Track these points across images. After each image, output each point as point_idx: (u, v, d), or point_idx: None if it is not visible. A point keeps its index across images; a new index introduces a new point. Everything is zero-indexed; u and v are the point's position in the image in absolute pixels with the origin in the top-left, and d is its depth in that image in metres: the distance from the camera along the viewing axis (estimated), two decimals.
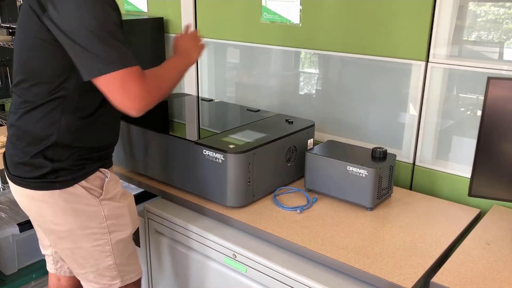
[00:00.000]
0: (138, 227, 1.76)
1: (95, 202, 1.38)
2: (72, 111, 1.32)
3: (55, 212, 1.36)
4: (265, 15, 2.11)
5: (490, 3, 1.59)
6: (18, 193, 1.40)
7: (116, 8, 1.26)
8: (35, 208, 1.40)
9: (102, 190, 1.40)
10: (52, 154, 1.33)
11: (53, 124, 1.31)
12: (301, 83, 2.18)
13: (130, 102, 1.21)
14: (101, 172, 1.41)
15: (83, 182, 1.36)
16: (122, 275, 1.48)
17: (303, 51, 2.09)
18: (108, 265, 1.45)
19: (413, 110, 1.79)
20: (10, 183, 1.41)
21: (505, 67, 1.57)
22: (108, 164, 1.47)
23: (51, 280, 1.73)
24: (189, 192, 1.70)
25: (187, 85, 2.52)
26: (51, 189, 1.33)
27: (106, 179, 1.41)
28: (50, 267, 1.69)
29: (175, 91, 2.65)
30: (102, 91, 1.23)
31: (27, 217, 1.84)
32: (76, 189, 1.35)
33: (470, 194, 1.43)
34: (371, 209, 1.58)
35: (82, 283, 1.51)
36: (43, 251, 1.69)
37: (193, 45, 1.53)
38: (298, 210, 1.57)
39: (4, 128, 2.52)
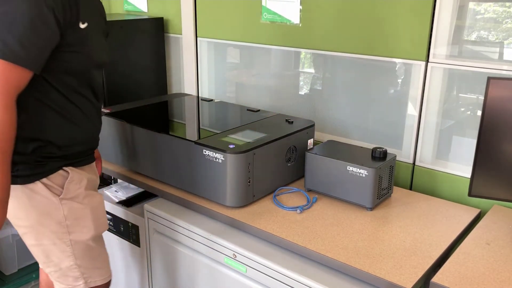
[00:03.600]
0: (107, 229, 1.63)
1: (55, 200, 1.36)
2: (40, 102, 1.30)
3: (18, 206, 1.34)
4: (265, 15, 2.12)
5: (490, 3, 1.59)
6: None
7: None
8: None
9: (63, 189, 1.38)
10: (16, 146, 1.26)
11: (19, 115, 1.24)
12: (301, 83, 2.18)
13: None
14: (64, 170, 1.39)
15: (44, 179, 1.34)
16: (86, 277, 1.47)
17: (303, 51, 2.09)
18: (70, 265, 1.43)
19: (413, 110, 1.79)
20: None
21: (505, 67, 1.57)
22: (77, 164, 1.43)
23: (42, 275, 1.73)
24: (189, 192, 1.69)
25: (187, 85, 2.52)
26: (13, 183, 1.28)
27: (68, 179, 1.39)
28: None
29: (175, 91, 2.66)
30: None
31: None
32: (36, 186, 1.34)
33: (470, 194, 1.43)
34: (371, 209, 1.58)
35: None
36: None
37: None
38: (298, 210, 1.57)
39: None
